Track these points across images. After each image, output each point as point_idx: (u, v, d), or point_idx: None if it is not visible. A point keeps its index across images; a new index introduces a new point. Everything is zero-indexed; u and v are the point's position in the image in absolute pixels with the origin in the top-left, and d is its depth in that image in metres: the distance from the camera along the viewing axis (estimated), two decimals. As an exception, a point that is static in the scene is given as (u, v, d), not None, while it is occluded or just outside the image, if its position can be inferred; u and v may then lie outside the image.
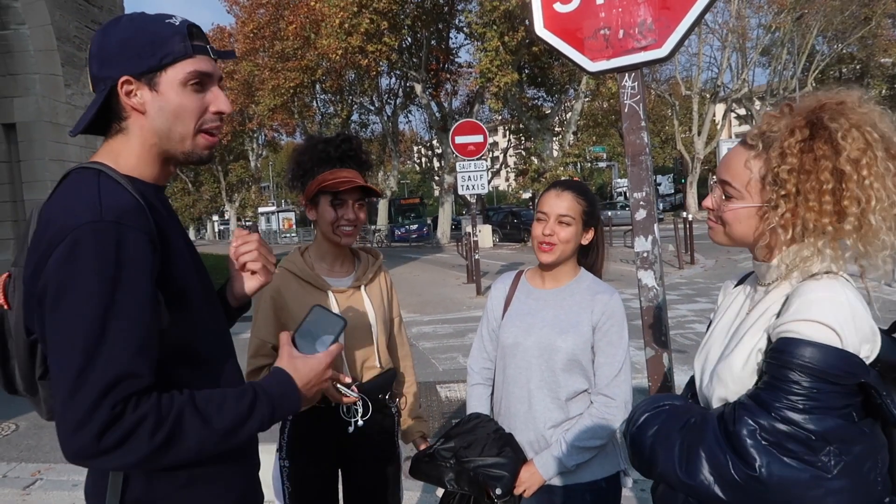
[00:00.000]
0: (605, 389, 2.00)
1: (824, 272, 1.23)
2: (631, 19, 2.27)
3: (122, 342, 1.10)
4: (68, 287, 1.10)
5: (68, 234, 1.11)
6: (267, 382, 1.27)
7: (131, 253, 1.13)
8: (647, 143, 2.38)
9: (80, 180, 1.21)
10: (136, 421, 1.08)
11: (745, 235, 1.33)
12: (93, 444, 1.06)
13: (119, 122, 1.28)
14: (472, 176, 12.51)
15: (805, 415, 1.11)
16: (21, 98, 9.16)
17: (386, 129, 33.80)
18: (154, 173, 1.32)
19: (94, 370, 1.07)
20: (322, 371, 1.33)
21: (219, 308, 1.43)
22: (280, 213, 44.69)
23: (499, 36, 21.71)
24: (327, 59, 27.03)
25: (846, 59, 40.96)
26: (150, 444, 1.09)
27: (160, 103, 1.26)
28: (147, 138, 1.28)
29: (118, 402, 1.07)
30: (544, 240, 2.03)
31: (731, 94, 37.20)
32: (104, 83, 1.25)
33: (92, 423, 1.06)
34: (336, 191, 2.07)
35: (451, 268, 18.31)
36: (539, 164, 25.47)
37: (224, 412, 1.18)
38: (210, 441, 1.16)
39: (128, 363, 1.10)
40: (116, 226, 1.13)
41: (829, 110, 1.24)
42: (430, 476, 2.04)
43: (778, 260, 1.30)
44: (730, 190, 1.32)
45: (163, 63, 1.25)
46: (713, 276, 13.29)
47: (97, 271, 1.10)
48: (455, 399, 6.02)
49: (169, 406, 1.12)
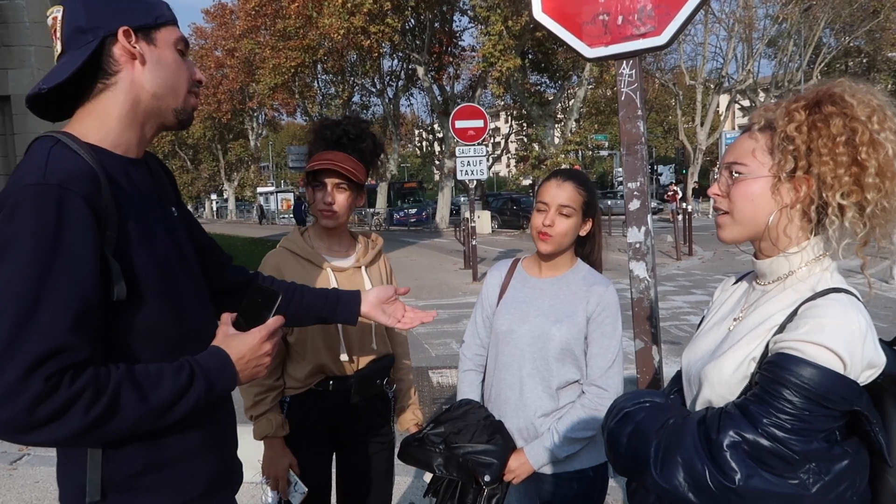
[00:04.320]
0: (598, 380, 2.00)
1: (834, 287, 1.19)
2: (630, 5, 2.23)
3: (59, 311, 1.05)
4: (6, 251, 1.05)
5: (9, 198, 1.08)
6: (203, 358, 1.25)
7: (74, 218, 1.09)
8: (643, 133, 2.33)
9: (35, 147, 1.19)
10: (72, 395, 1.05)
11: (755, 217, 1.26)
12: (22, 416, 1.02)
13: (105, 79, 1.24)
14: (472, 161, 12.45)
15: (791, 435, 1.08)
16: (16, 70, 9.08)
17: (387, 112, 33.63)
18: (128, 140, 1.28)
19: (28, 339, 1.03)
20: (257, 346, 1.30)
21: (203, 293, 1.40)
22: (279, 194, 44.56)
23: (502, 20, 21.53)
24: (329, 38, 26.80)
25: (853, 52, 40.71)
26: (85, 419, 1.06)
27: (158, 56, 1.28)
28: (138, 93, 1.26)
29: (52, 374, 1.03)
30: (544, 230, 2.01)
31: (735, 85, 36.99)
32: (94, 34, 1.22)
33: (22, 395, 1.01)
34: (315, 172, 2.07)
35: (449, 253, 18.29)
36: (540, 151, 25.37)
37: (161, 388, 1.15)
38: (147, 417, 1.14)
39: (65, 334, 1.05)
40: (59, 189, 1.09)
41: (829, 91, 1.22)
42: (418, 460, 2.04)
43: (783, 257, 1.26)
44: (737, 167, 1.28)
45: (158, 22, 1.28)
46: (711, 269, 13.28)
47: (34, 234, 1.06)
48: (446, 385, 6.01)
49: (106, 380, 1.09)
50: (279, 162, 62.70)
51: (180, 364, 1.21)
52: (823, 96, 1.21)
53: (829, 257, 1.24)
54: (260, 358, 1.31)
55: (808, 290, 1.21)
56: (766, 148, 1.24)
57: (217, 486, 1.35)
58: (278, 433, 2.07)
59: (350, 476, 2.27)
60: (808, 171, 1.19)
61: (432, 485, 2.10)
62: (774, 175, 1.23)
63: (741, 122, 47.30)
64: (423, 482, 3.67)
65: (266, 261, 2.16)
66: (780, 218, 1.24)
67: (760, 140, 1.26)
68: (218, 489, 1.35)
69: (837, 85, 1.22)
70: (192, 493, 1.29)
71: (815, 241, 1.24)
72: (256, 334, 1.31)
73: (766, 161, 1.24)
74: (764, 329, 1.22)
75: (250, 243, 21.63)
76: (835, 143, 1.17)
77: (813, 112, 1.20)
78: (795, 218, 1.24)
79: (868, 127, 1.16)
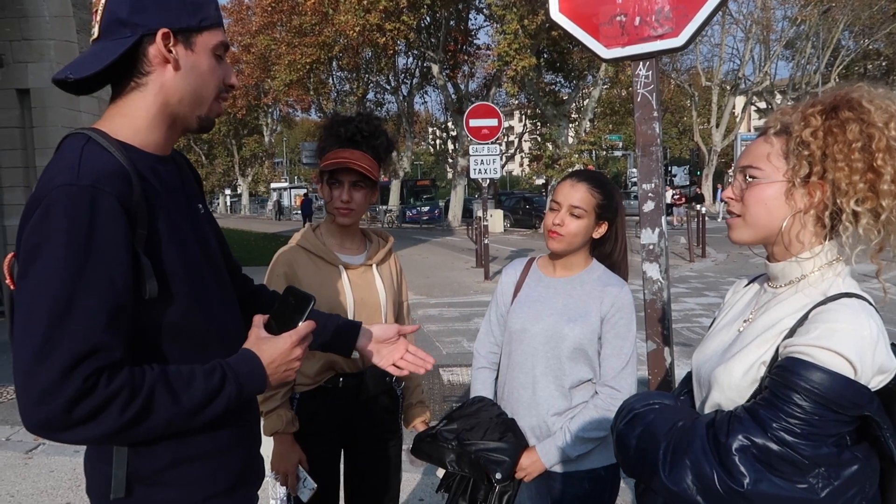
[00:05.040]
0: (612, 381, 2.00)
1: (845, 292, 1.19)
2: (648, 6, 2.23)
3: (94, 311, 1.06)
4: (39, 251, 1.06)
5: (43, 199, 1.08)
6: (234, 361, 1.25)
7: (106, 218, 1.09)
8: (658, 134, 2.34)
9: (67, 145, 1.18)
10: (109, 395, 1.06)
11: (768, 222, 1.26)
12: (60, 415, 1.03)
13: (138, 77, 1.23)
14: (485, 160, 12.45)
15: (801, 439, 1.08)
16: (35, 64, 9.15)
17: (401, 109, 33.66)
18: (156, 139, 1.27)
19: (64, 339, 1.03)
20: (288, 350, 1.29)
21: (229, 291, 1.40)
22: (292, 190, 44.73)
23: (518, 19, 21.48)
24: (345, 35, 26.84)
25: (872, 55, 40.24)
26: (120, 420, 1.07)
27: (193, 62, 1.25)
28: (167, 96, 1.24)
29: (91, 373, 1.04)
30: (554, 228, 2.02)
31: (752, 87, 36.69)
32: (133, 29, 1.19)
33: (60, 393, 1.02)
34: (332, 170, 2.08)
35: (461, 251, 18.30)
36: (554, 151, 25.29)
37: (193, 389, 1.16)
38: (179, 418, 1.15)
39: (100, 333, 1.06)
40: (91, 189, 1.09)
41: (847, 96, 1.21)
42: (431, 456, 2.05)
43: (795, 261, 1.25)
44: (752, 171, 1.27)
45: (201, 25, 1.25)
46: (724, 271, 13.20)
47: (68, 235, 1.06)
48: (457, 383, 6.03)
49: (141, 381, 1.10)
50: (293, 158, 62.95)
51: (212, 366, 1.21)
52: (841, 101, 1.20)
53: (843, 262, 1.23)
54: (290, 363, 1.31)
55: (820, 294, 1.20)
56: (782, 152, 1.24)
57: (241, 482, 1.36)
58: (288, 429, 2.08)
59: (358, 472, 2.28)
60: (822, 176, 1.18)
61: (444, 480, 2.11)
62: (789, 180, 1.22)
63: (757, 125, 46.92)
64: (432, 479, 3.70)
65: (278, 258, 2.17)
66: (794, 223, 1.23)
67: (776, 144, 1.25)
68: (242, 485, 1.36)
69: (856, 90, 1.21)
70: (217, 489, 1.30)
71: (829, 247, 1.23)
72: (288, 339, 1.30)
73: (781, 165, 1.23)
74: (774, 333, 1.22)
75: (263, 239, 21.74)
76: (850, 149, 1.16)
77: (829, 117, 1.19)
78: (809, 223, 1.23)
79: (885, 133, 1.15)
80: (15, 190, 9.36)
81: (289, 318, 1.34)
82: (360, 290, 2.15)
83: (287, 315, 1.35)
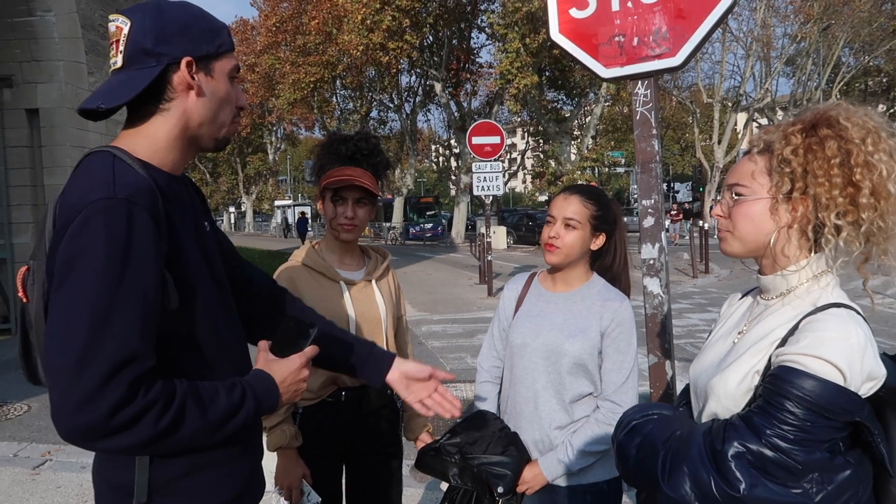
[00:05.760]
0: (613, 396, 2.02)
1: (834, 303, 1.22)
2: (646, 27, 2.28)
3: (131, 320, 1.10)
4: (77, 262, 1.09)
5: (81, 211, 1.12)
6: (251, 379, 1.31)
7: (141, 232, 1.14)
8: (657, 151, 2.38)
9: (94, 162, 1.23)
10: (147, 404, 1.09)
11: (756, 237, 1.31)
12: (102, 422, 1.05)
13: (161, 103, 1.28)
14: (488, 177, 12.53)
15: (794, 445, 1.12)
16: (45, 84, 9.28)
17: (404, 127, 33.86)
18: (173, 160, 1.33)
19: (104, 347, 1.06)
20: (297, 370, 1.36)
21: (232, 307, 1.44)
22: (296, 207, 44.91)
23: (520, 37, 21.69)
24: (348, 55, 27.12)
25: (872, 71, 40.38)
26: (155, 429, 1.10)
27: (213, 88, 1.32)
28: (188, 121, 1.30)
29: (132, 381, 1.08)
30: (549, 241, 2.07)
31: (753, 104, 36.84)
32: (158, 59, 1.24)
33: (103, 400, 1.05)
34: (336, 188, 2.14)
35: (464, 268, 18.33)
36: (556, 168, 25.40)
37: (217, 404, 1.20)
38: (203, 431, 1.19)
39: (136, 343, 1.10)
40: (128, 203, 1.14)
41: (825, 114, 1.26)
42: (434, 470, 2.07)
43: (781, 276, 1.30)
44: (738, 189, 1.33)
45: (219, 51, 1.31)
46: (727, 287, 13.19)
47: (107, 247, 1.10)
48: (461, 399, 6.02)
49: (173, 393, 1.14)
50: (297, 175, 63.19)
51: (231, 383, 1.27)
52: (819, 119, 1.25)
53: (830, 274, 1.27)
54: (299, 383, 1.37)
55: (809, 305, 1.24)
56: (766, 170, 1.29)
57: (245, 493, 1.40)
58: (292, 444, 2.10)
59: (360, 485, 2.30)
60: (804, 192, 1.24)
61: (448, 494, 2.13)
62: (773, 196, 1.27)
63: (759, 141, 46.07)
64: (435, 494, 3.70)
65: (279, 274, 2.20)
66: (779, 238, 1.28)
67: (760, 162, 1.31)
68: (249, 494, 1.41)
69: (834, 108, 1.27)
70: (228, 496, 1.34)
71: (814, 259, 1.28)
72: (297, 360, 1.37)
73: (765, 182, 1.29)
74: (766, 343, 1.26)
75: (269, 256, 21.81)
76: (830, 165, 1.21)
77: (809, 135, 1.24)
78: (794, 237, 1.28)
79: (862, 149, 1.20)
80: (23, 208, 9.45)
81: (292, 343, 1.41)
82: (360, 305, 2.19)
83: (289, 340, 1.41)
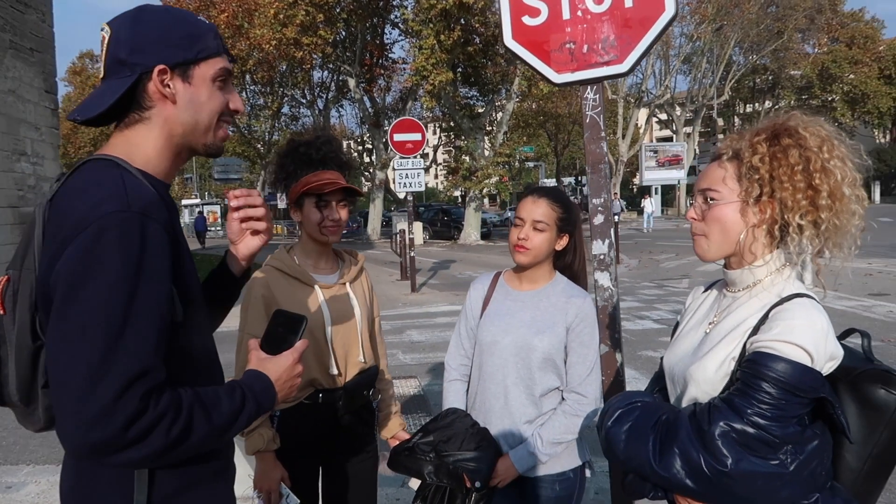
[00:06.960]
0: (578, 387, 2.12)
1: (796, 293, 1.37)
2: (595, 35, 2.40)
3: (144, 334, 1.09)
4: (91, 275, 1.08)
5: (91, 224, 1.10)
6: (247, 380, 1.30)
7: (155, 245, 1.13)
8: (605, 152, 2.51)
9: (98, 170, 1.20)
10: (158, 416, 1.09)
11: (728, 237, 1.44)
12: (117, 435, 1.04)
13: (140, 112, 1.27)
14: (410, 174, 12.60)
15: (771, 422, 1.27)
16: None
17: (317, 123, 33.31)
18: (165, 168, 1.32)
19: (118, 360, 1.06)
20: (290, 367, 1.36)
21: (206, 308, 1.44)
22: (205, 206, 43.20)
23: (435, 34, 21.82)
24: (260, 49, 26.42)
25: (760, 70, 43.32)
26: (167, 439, 1.10)
27: (190, 95, 1.29)
28: (171, 129, 1.29)
29: (144, 394, 1.07)
30: (519, 243, 2.14)
31: (654, 100, 38.71)
32: (132, 69, 1.24)
33: (118, 414, 1.04)
34: (320, 192, 2.13)
35: (384, 264, 18.29)
36: (471, 163, 25.75)
37: (221, 408, 1.20)
38: (210, 437, 1.18)
39: (150, 356, 1.10)
40: (142, 217, 1.13)
41: (785, 124, 1.43)
42: (409, 469, 2.11)
43: (749, 270, 1.44)
44: (710, 193, 1.46)
45: (198, 57, 1.29)
46: (638, 276, 13.81)
47: (123, 261, 1.09)
48: (397, 395, 6.04)
49: (180, 402, 1.14)
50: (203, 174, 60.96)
51: (230, 386, 1.26)
52: (780, 129, 1.42)
53: (789, 267, 1.44)
54: (293, 379, 1.37)
55: (775, 296, 1.40)
56: (735, 176, 1.44)
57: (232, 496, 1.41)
58: (270, 447, 2.10)
59: (337, 486, 2.32)
60: (771, 195, 1.39)
61: (420, 491, 2.17)
62: (743, 200, 1.42)
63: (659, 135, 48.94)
64: (404, 490, 3.75)
65: (254, 281, 2.18)
66: (748, 236, 1.43)
67: (729, 169, 1.45)
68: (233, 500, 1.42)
69: (791, 118, 1.44)
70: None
71: (777, 254, 1.44)
72: (290, 356, 1.36)
73: (735, 187, 1.43)
74: (740, 332, 1.41)
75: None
76: (793, 171, 1.37)
77: (773, 144, 1.40)
78: (760, 236, 1.43)
79: (820, 156, 1.37)
80: None
81: (282, 339, 1.40)
82: (335, 309, 2.20)
83: (278, 336, 1.41)
